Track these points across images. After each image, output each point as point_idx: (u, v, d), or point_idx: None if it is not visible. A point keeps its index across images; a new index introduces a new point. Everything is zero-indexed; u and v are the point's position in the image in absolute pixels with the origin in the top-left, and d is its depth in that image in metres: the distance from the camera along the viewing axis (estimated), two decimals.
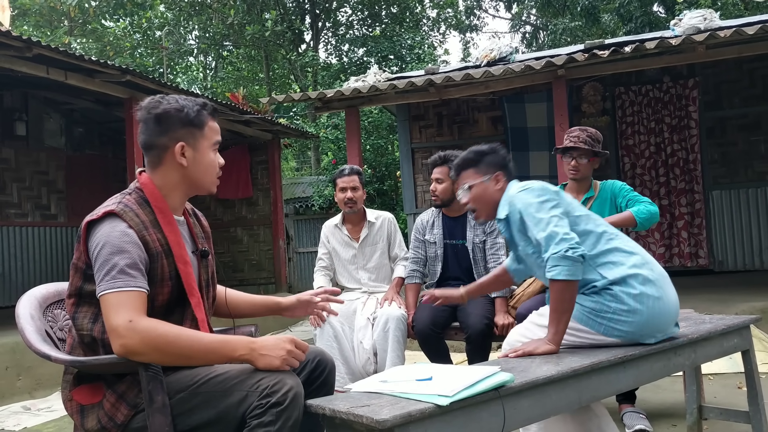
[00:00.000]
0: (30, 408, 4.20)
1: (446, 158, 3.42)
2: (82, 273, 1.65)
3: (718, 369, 3.99)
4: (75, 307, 1.66)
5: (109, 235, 1.59)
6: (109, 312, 1.54)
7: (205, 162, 1.75)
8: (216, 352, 1.57)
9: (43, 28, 16.24)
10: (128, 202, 1.68)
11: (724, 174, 6.88)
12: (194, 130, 1.73)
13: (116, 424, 1.61)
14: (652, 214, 3.06)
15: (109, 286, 1.54)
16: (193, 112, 1.72)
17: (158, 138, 1.72)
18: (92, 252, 1.60)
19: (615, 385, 1.97)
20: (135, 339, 1.51)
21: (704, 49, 5.29)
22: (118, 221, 1.62)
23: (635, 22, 13.85)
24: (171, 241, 1.68)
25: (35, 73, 5.49)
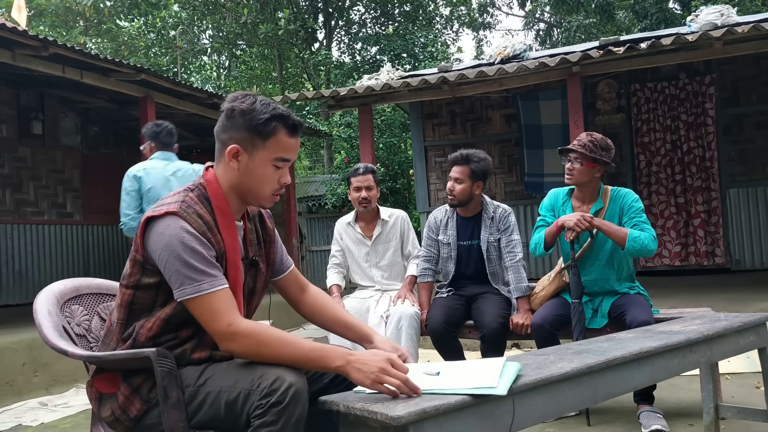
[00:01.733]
0: (47, 404, 4.24)
1: (468, 158, 3.34)
2: (140, 266, 1.63)
3: (735, 368, 3.94)
4: (132, 297, 1.65)
5: (175, 235, 1.55)
6: (204, 318, 1.54)
7: (258, 173, 1.64)
8: (315, 361, 1.55)
9: (59, 28, 16.41)
10: (190, 202, 1.62)
11: (741, 172, 6.79)
12: (255, 138, 1.62)
13: (129, 417, 1.62)
14: (646, 249, 2.93)
15: (195, 290, 1.53)
16: (261, 119, 1.61)
17: (221, 133, 1.67)
18: (159, 254, 1.57)
19: (630, 382, 1.96)
20: (239, 343, 1.53)
21: (721, 45, 5.23)
22: (181, 221, 1.58)
23: (650, 19, 13.72)
24: (228, 245, 1.65)
25: (51, 72, 5.54)
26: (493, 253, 3.42)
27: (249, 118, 1.62)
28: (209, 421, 1.59)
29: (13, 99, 7.45)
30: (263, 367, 1.55)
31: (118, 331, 1.67)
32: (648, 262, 6.95)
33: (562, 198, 3.23)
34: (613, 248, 3.05)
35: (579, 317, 2.97)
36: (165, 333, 1.64)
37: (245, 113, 1.62)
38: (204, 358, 1.65)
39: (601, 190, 3.15)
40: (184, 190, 1.67)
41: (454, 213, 3.52)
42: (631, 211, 3.06)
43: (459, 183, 3.36)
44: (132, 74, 5.98)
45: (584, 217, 2.95)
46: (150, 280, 1.62)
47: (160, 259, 1.57)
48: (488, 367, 1.65)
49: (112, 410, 1.64)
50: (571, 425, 3.05)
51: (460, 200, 3.39)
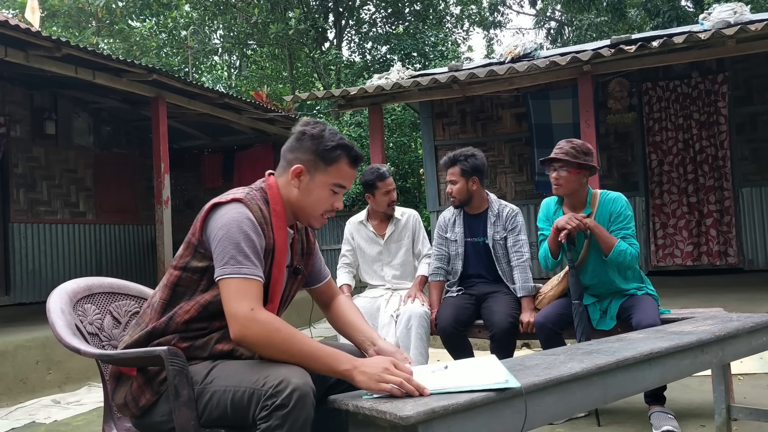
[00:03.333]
0: (60, 401, 4.29)
1: (455, 159, 3.38)
2: (193, 249, 1.70)
3: (748, 369, 3.91)
4: (178, 279, 1.71)
5: (236, 219, 1.63)
6: (230, 296, 1.58)
7: (315, 194, 1.76)
8: (322, 361, 1.59)
9: (72, 28, 16.54)
10: (254, 196, 1.73)
11: (754, 171, 6.73)
12: (319, 162, 1.74)
13: (138, 406, 1.67)
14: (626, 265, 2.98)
15: (235, 271, 1.59)
16: (328, 146, 1.74)
17: (289, 152, 1.79)
18: (215, 234, 1.64)
19: (641, 383, 1.95)
20: (254, 329, 1.56)
21: (734, 44, 5.18)
22: (245, 208, 1.67)
23: (663, 17, 13.60)
24: (278, 245, 1.73)
25: (64, 73, 5.59)
26: (500, 251, 3.43)
27: (317, 143, 1.75)
28: (218, 419, 1.60)
29: (26, 99, 7.53)
30: (269, 367, 1.55)
31: (159, 310, 1.71)
32: (660, 262, 6.91)
33: (553, 207, 3.24)
34: None
35: (580, 317, 2.96)
36: (200, 320, 1.68)
37: (314, 138, 1.75)
38: (226, 351, 1.68)
39: (589, 195, 3.13)
40: (248, 187, 1.77)
41: (461, 211, 3.55)
42: (620, 219, 3.03)
43: (453, 184, 3.41)
44: (144, 74, 6.02)
45: (575, 216, 2.96)
46: (198, 264, 1.68)
47: (215, 238, 1.63)
48: (488, 365, 1.67)
49: (124, 396, 1.69)
50: (582, 426, 3.04)
51: (460, 200, 3.44)
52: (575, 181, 3.05)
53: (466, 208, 3.51)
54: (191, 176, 9.79)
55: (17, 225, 7.35)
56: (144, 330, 1.70)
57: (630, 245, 2.97)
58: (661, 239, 6.90)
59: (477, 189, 3.43)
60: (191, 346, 1.67)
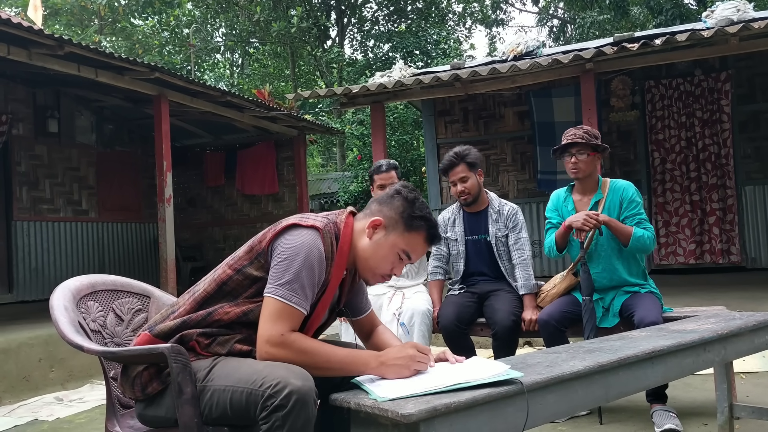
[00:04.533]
0: (62, 399, 4.30)
1: (460, 156, 3.37)
2: (255, 255, 1.71)
3: (750, 367, 3.91)
4: (228, 279, 1.72)
5: (308, 246, 1.65)
6: (270, 316, 1.61)
7: (383, 251, 1.77)
8: (349, 366, 1.64)
9: (74, 27, 16.56)
10: (330, 229, 1.74)
11: (757, 169, 6.72)
12: (400, 225, 1.77)
13: (143, 392, 1.69)
14: (646, 249, 3.00)
15: (286, 296, 1.61)
16: (415, 213, 1.77)
17: (377, 203, 1.82)
18: (282, 251, 1.65)
19: (643, 381, 1.95)
20: (280, 353, 1.60)
21: (737, 41, 5.17)
22: (319, 239, 1.69)
23: (665, 15, 13.57)
24: (331, 283, 1.75)
25: (67, 71, 5.60)
26: (501, 249, 3.43)
27: (406, 206, 1.78)
28: (219, 418, 1.61)
29: (29, 97, 7.54)
30: (267, 367, 1.57)
31: (199, 300, 1.72)
32: (662, 260, 6.90)
33: (563, 196, 3.28)
34: None
35: (590, 315, 2.97)
36: (235, 325, 1.70)
37: (406, 201, 1.78)
38: (245, 352, 1.70)
39: (600, 181, 3.19)
40: (327, 218, 1.78)
41: (461, 210, 3.54)
42: (632, 205, 3.10)
43: (465, 181, 3.38)
44: (146, 72, 6.02)
45: (590, 216, 2.97)
46: (254, 272, 1.70)
47: (280, 254, 1.65)
48: (485, 362, 1.69)
49: (133, 378, 1.71)
50: (583, 424, 3.04)
51: (474, 195, 3.42)
52: (592, 163, 3.14)
53: (467, 206, 3.51)
54: (194, 174, 9.81)
55: (20, 223, 7.36)
56: (178, 318, 1.72)
57: (645, 229, 3.02)
58: (664, 237, 6.89)
59: (482, 181, 3.45)
60: (213, 341, 1.69)
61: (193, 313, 1.71)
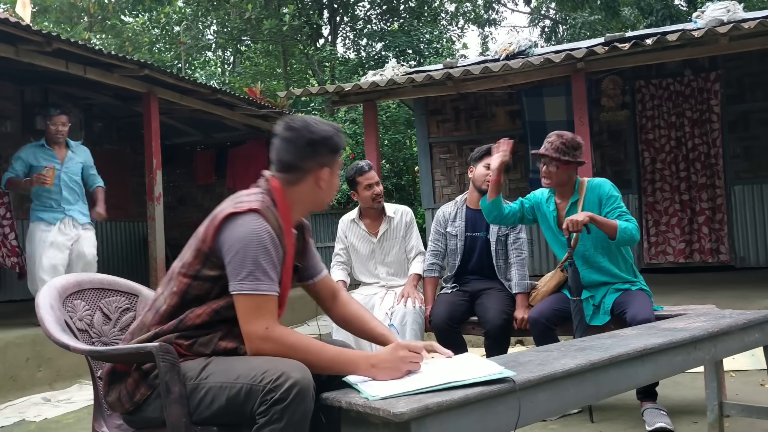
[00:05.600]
0: (50, 399, 4.25)
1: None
2: (204, 257, 1.67)
3: (740, 366, 3.93)
4: (188, 287, 1.68)
5: (254, 232, 1.61)
6: (248, 315, 1.58)
7: (335, 184, 1.84)
8: (339, 368, 1.62)
9: (63, 24, 16.43)
10: (267, 204, 1.70)
11: (746, 169, 6.76)
12: (336, 156, 1.81)
13: (131, 401, 1.65)
14: (633, 240, 3.00)
15: (253, 288, 1.58)
16: (339, 139, 1.80)
17: (306, 161, 1.76)
18: (231, 245, 1.61)
19: (634, 379, 1.95)
20: (268, 348, 1.58)
21: (727, 42, 5.20)
22: (262, 220, 1.64)
23: (656, 15, 13.64)
24: (288, 252, 1.73)
25: (55, 68, 5.54)
26: (499, 247, 3.45)
27: (334, 142, 1.79)
28: (211, 417, 1.58)
29: (17, 94, 7.45)
30: (267, 362, 1.55)
31: (166, 315, 1.68)
32: (652, 259, 6.93)
33: (546, 196, 3.31)
34: None
35: (579, 314, 2.97)
36: (210, 324, 1.67)
37: (330, 139, 1.78)
38: (230, 349, 1.67)
39: (577, 183, 3.20)
40: (258, 191, 1.73)
41: (464, 205, 3.56)
42: (611, 200, 3.10)
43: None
44: (135, 70, 5.97)
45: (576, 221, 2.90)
46: (210, 273, 1.66)
47: (230, 249, 1.60)
48: (478, 360, 1.69)
49: (118, 392, 1.68)
50: (574, 422, 3.05)
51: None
52: (563, 175, 3.14)
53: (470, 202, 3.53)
54: (183, 173, 9.75)
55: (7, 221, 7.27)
56: (148, 333, 1.68)
57: (627, 221, 3.02)
58: (654, 237, 6.92)
59: None
60: (195, 342, 1.66)
61: (162, 325, 1.67)
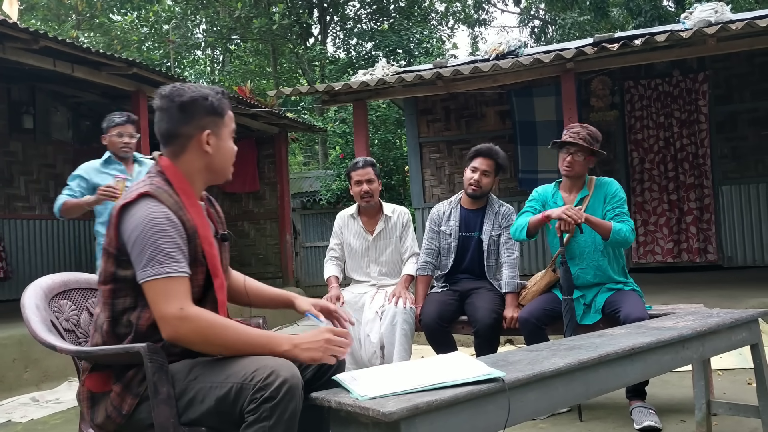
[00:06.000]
0: (38, 400, 4.21)
1: (497, 153, 3.42)
2: (114, 259, 1.63)
3: (727, 364, 3.96)
4: (112, 293, 1.64)
5: (148, 217, 1.57)
6: (158, 299, 1.54)
7: (225, 148, 1.77)
8: (262, 347, 1.58)
9: (51, 22, 16.29)
10: (159, 184, 1.66)
11: (734, 169, 6.82)
12: (217, 119, 1.74)
13: (121, 414, 1.60)
14: (626, 241, 3.01)
15: (156, 272, 1.53)
16: (216, 100, 1.73)
17: (183, 126, 1.71)
18: (129, 235, 1.57)
19: (623, 378, 1.96)
20: (185, 328, 1.53)
21: (715, 42, 5.24)
22: (155, 202, 1.60)
23: (645, 16, 13.73)
24: (197, 223, 1.68)
25: (42, 66, 5.49)
26: (492, 247, 3.45)
27: (208, 103, 1.72)
28: (200, 418, 1.57)
29: (3, 93, 7.38)
30: (256, 361, 1.54)
31: (109, 329, 1.65)
32: (640, 259, 6.97)
33: (551, 191, 3.29)
34: None
35: (570, 314, 2.98)
36: None
37: (204, 99, 1.71)
38: None
39: (586, 179, 3.22)
40: (147, 176, 1.71)
41: (459, 205, 3.56)
42: (614, 200, 3.13)
43: (487, 176, 3.40)
44: (124, 68, 5.93)
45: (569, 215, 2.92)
46: (126, 273, 1.61)
47: (129, 241, 1.57)
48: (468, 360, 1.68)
49: (105, 410, 1.62)
50: (564, 421, 3.05)
51: (484, 192, 3.44)
52: (586, 165, 3.16)
53: (466, 202, 3.53)
54: None
55: None
56: None
57: (623, 222, 3.04)
58: (642, 236, 6.96)
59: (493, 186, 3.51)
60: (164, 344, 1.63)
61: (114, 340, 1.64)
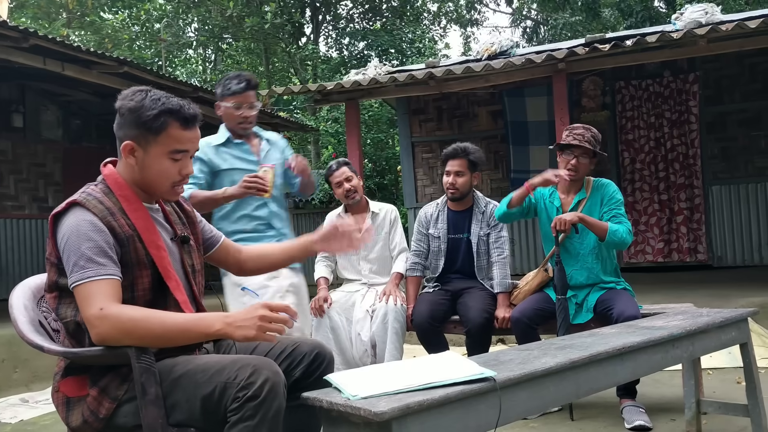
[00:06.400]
0: (28, 400, 4.18)
1: (466, 150, 3.39)
2: (55, 267, 1.63)
3: (716, 364, 3.98)
4: (57, 300, 1.65)
5: (73, 225, 1.57)
6: (82, 304, 1.54)
7: (155, 168, 1.67)
8: (191, 330, 1.55)
9: (41, 20, 16.16)
10: (93, 192, 1.66)
11: (723, 169, 6.86)
12: (147, 134, 1.64)
13: (98, 418, 1.59)
14: (623, 242, 3.02)
15: (80, 277, 1.53)
16: (149, 115, 1.62)
17: (117, 130, 1.70)
18: (59, 244, 1.59)
19: (613, 377, 1.96)
20: (106, 326, 1.51)
21: (705, 43, 5.27)
22: (82, 210, 1.60)
23: (636, 17, 13.79)
24: (139, 226, 1.65)
25: (32, 64, 5.45)
26: (481, 247, 3.44)
27: (137, 115, 1.63)
28: (186, 419, 1.56)
29: None
30: (239, 360, 1.54)
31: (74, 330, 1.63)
32: (631, 258, 7.00)
33: (549, 191, 3.28)
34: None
35: (564, 313, 2.99)
36: None
37: (133, 111, 1.64)
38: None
39: (584, 181, 3.21)
40: (87, 185, 1.70)
41: (446, 207, 3.54)
42: (612, 201, 3.12)
43: (461, 176, 3.38)
44: (114, 66, 5.90)
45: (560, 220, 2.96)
46: (65, 281, 1.60)
47: (60, 249, 1.58)
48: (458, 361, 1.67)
49: (81, 414, 1.61)
50: (555, 420, 3.06)
51: (463, 192, 3.42)
52: (588, 168, 3.16)
53: (452, 204, 3.51)
54: None
55: None
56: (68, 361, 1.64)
57: (621, 223, 3.05)
58: (633, 236, 7.00)
59: (474, 184, 3.46)
60: None
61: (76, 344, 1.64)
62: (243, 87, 2.90)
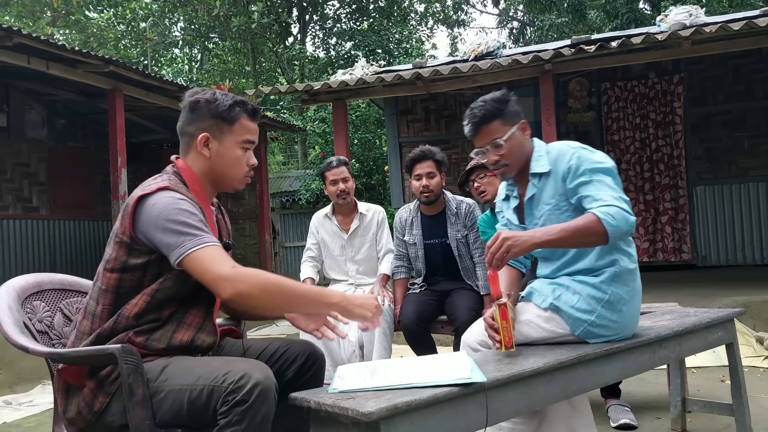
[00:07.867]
0: (11, 402, 4.14)
1: (432, 152, 3.39)
2: (126, 247, 1.64)
3: (701, 362, 4.02)
4: (118, 282, 1.65)
5: (171, 202, 1.59)
6: (207, 264, 1.53)
7: (229, 157, 1.75)
8: (316, 299, 1.64)
9: (26, 18, 15.98)
10: (175, 182, 1.69)
11: (707, 170, 6.94)
12: (222, 124, 1.74)
13: (92, 411, 1.60)
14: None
15: (197, 243, 1.54)
16: (224, 106, 1.73)
17: (188, 126, 1.76)
18: (152, 223, 1.58)
19: (601, 378, 1.97)
20: (247, 283, 1.52)
21: (690, 45, 5.32)
22: (174, 192, 1.63)
23: (621, 19, 13.91)
24: (210, 224, 1.70)
25: (16, 63, 5.39)
26: (462, 250, 3.43)
27: (214, 106, 1.73)
28: (173, 419, 1.55)
29: None
30: (228, 363, 1.53)
31: (103, 317, 1.64)
32: None
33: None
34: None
35: None
36: (150, 310, 1.64)
37: (210, 102, 1.74)
38: (185, 342, 1.65)
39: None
40: (164, 174, 1.73)
41: (418, 212, 3.52)
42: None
43: (432, 177, 3.37)
44: (100, 65, 5.84)
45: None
46: (137, 261, 1.63)
47: (156, 227, 1.58)
48: (456, 360, 1.67)
49: (77, 405, 1.62)
50: None
51: (437, 194, 3.42)
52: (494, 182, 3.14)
53: (425, 208, 3.49)
54: (150, 171, 9.40)
55: None
56: (88, 338, 1.63)
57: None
58: None
59: (442, 185, 3.45)
60: (148, 338, 1.63)
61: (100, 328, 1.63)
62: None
